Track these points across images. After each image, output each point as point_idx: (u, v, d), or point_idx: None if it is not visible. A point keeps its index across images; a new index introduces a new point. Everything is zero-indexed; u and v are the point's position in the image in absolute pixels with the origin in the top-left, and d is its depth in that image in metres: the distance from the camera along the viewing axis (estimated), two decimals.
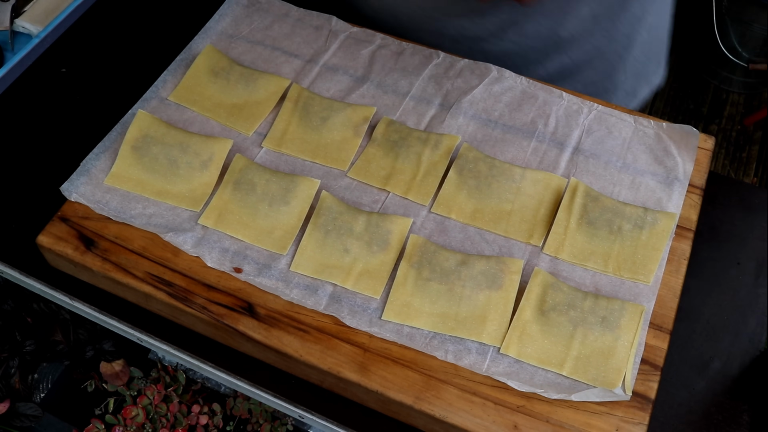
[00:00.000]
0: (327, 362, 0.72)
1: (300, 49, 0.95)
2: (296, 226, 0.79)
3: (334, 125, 0.87)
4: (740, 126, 2.24)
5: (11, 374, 1.18)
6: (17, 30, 1.01)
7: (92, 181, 0.83)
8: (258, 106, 0.89)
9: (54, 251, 0.79)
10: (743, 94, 2.29)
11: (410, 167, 0.84)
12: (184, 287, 0.77)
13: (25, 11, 1.02)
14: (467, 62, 0.92)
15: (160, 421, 1.14)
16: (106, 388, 1.17)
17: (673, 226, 0.79)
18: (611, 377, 0.70)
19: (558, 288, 0.75)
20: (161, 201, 0.81)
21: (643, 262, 0.77)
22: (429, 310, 0.75)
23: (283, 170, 0.85)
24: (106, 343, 1.21)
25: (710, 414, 0.78)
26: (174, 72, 0.92)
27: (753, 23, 2.04)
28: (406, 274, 0.77)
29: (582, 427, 0.69)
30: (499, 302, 0.74)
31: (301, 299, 0.76)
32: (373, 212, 0.81)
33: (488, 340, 0.73)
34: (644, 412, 0.70)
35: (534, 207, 0.81)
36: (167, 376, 1.18)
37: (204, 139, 0.85)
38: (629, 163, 0.85)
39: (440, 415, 0.70)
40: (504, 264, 0.76)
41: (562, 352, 0.72)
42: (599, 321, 0.73)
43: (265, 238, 0.79)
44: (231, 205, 0.81)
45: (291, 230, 0.79)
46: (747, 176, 2.14)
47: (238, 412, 1.17)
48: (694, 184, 0.83)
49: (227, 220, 0.80)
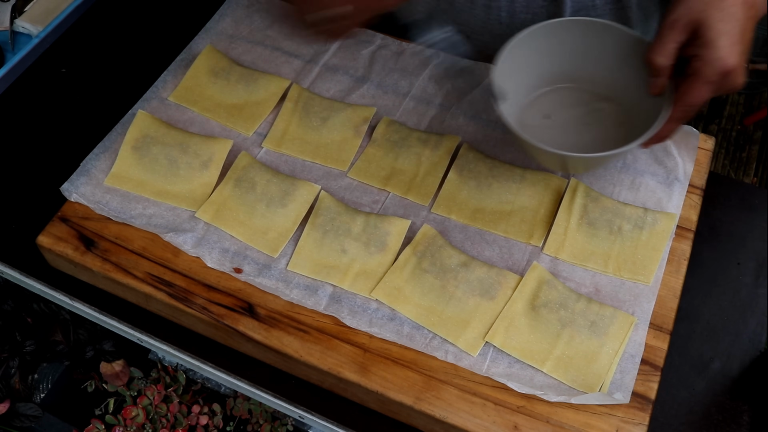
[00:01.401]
0: (327, 362, 0.72)
1: (300, 49, 0.95)
2: (290, 230, 0.79)
3: (334, 125, 0.87)
4: (740, 126, 2.24)
5: (11, 374, 1.18)
6: (17, 30, 1.01)
7: (92, 181, 0.83)
8: (258, 106, 0.89)
9: (54, 251, 0.79)
10: (743, 94, 2.29)
11: (410, 167, 0.84)
12: (184, 287, 0.77)
13: (25, 11, 1.02)
14: (467, 62, 0.92)
15: (160, 422, 1.14)
16: (106, 388, 1.17)
17: (673, 227, 0.79)
18: (590, 382, 0.71)
19: (553, 286, 0.75)
20: (161, 201, 0.81)
21: (643, 263, 0.77)
22: (417, 300, 0.75)
23: (283, 170, 0.85)
24: (106, 344, 1.21)
25: (710, 414, 0.78)
26: (174, 72, 0.92)
27: None
28: (408, 259, 0.77)
29: (582, 427, 0.69)
30: (486, 312, 0.74)
31: (301, 299, 0.76)
32: (371, 213, 0.81)
33: (463, 346, 0.73)
34: (644, 412, 0.70)
35: (534, 207, 0.81)
36: (167, 376, 1.18)
37: (204, 139, 0.85)
38: (629, 164, 0.85)
39: (440, 415, 0.70)
40: (503, 277, 0.76)
41: (546, 349, 0.72)
42: (588, 325, 0.73)
43: (259, 239, 0.79)
44: (230, 201, 0.81)
45: (285, 233, 0.79)
46: (747, 176, 2.14)
47: (238, 412, 1.17)
48: (694, 185, 0.83)
49: (224, 216, 0.80)
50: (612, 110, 0.83)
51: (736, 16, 0.68)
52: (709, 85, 0.70)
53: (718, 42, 0.68)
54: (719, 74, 0.69)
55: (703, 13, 0.68)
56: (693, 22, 0.69)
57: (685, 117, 0.73)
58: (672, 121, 0.73)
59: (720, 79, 0.69)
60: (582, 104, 0.84)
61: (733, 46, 0.68)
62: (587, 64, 0.82)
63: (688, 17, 0.69)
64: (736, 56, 0.68)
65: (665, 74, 0.73)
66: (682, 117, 0.73)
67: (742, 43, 0.69)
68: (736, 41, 0.68)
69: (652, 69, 0.73)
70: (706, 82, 0.69)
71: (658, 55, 0.71)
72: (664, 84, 0.73)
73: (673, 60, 0.72)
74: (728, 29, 0.68)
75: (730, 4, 0.68)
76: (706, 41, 0.68)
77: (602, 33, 0.79)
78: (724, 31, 0.68)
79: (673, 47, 0.71)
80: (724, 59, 0.68)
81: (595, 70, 0.82)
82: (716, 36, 0.68)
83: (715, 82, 0.69)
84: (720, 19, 0.68)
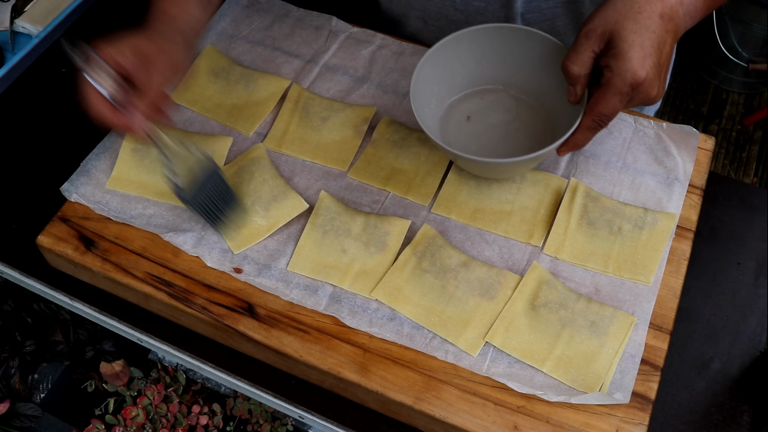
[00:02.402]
0: (327, 363, 0.72)
1: (300, 49, 0.95)
2: (262, 234, 0.79)
3: (334, 125, 0.87)
4: (740, 126, 2.24)
5: (11, 374, 1.18)
6: (17, 30, 1.01)
7: (92, 181, 0.83)
8: (258, 106, 0.89)
9: (54, 251, 0.79)
10: (743, 94, 2.29)
11: (410, 167, 0.84)
12: (184, 287, 0.77)
13: (25, 11, 1.02)
14: None
15: (160, 422, 1.14)
16: (106, 388, 1.17)
17: (673, 227, 0.79)
18: (590, 382, 0.71)
19: (553, 286, 0.75)
20: (163, 202, 0.81)
21: (643, 263, 0.77)
22: (417, 300, 0.75)
23: (283, 170, 0.85)
24: (106, 344, 1.21)
25: (710, 414, 0.78)
26: None
27: (753, 23, 2.04)
28: (408, 259, 0.77)
29: (582, 427, 0.69)
30: (486, 312, 0.74)
31: (301, 299, 0.76)
32: (371, 213, 0.81)
33: (463, 346, 0.73)
34: (644, 412, 0.70)
35: (534, 207, 0.81)
36: (167, 376, 1.18)
37: (204, 138, 0.85)
38: (629, 164, 0.85)
39: (440, 415, 0.70)
40: (503, 277, 0.76)
41: (546, 349, 0.72)
42: (588, 325, 0.73)
43: (232, 232, 0.79)
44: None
45: (255, 235, 0.79)
46: (747, 176, 2.14)
47: (238, 412, 1.17)
48: (694, 185, 0.83)
49: None
50: (537, 115, 0.84)
51: (650, 29, 0.68)
52: (619, 96, 0.70)
53: (629, 53, 0.68)
54: (629, 85, 0.68)
55: (618, 24, 0.68)
56: (607, 32, 0.69)
57: (597, 126, 0.73)
58: (583, 129, 0.74)
59: (630, 91, 0.69)
60: (508, 108, 0.85)
61: (645, 59, 0.68)
62: (514, 69, 0.83)
63: (603, 27, 0.69)
64: (648, 68, 0.68)
65: (581, 83, 0.73)
66: (594, 126, 0.73)
67: (656, 56, 0.69)
68: (649, 53, 0.68)
69: (568, 77, 0.73)
70: (616, 93, 0.69)
71: (573, 63, 0.72)
72: (580, 92, 0.74)
73: (588, 69, 0.72)
74: (641, 41, 0.68)
75: (646, 17, 0.68)
76: (617, 52, 0.68)
77: (526, 40, 0.81)
78: (637, 42, 0.68)
79: (589, 56, 0.71)
80: (633, 71, 0.68)
81: (521, 75, 0.84)
82: (628, 47, 0.68)
83: (625, 93, 0.69)
84: (634, 30, 0.68)
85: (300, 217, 0.80)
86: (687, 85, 2.31)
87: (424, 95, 0.80)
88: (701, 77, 2.33)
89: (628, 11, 0.68)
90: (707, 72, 2.32)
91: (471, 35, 0.81)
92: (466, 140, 0.83)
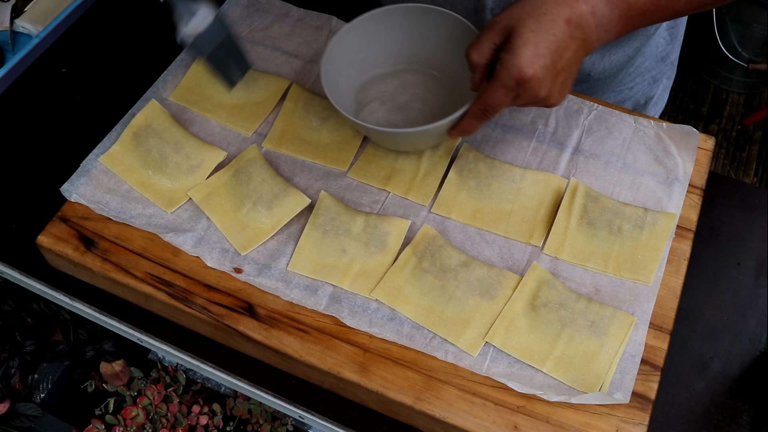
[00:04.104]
0: (327, 362, 0.72)
1: (300, 49, 0.95)
2: (267, 233, 0.79)
3: (334, 125, 0.87)
4: (740, 126, 2.24)
5: (11, 374, 1.18)
6: (17, 30, 1.01)
7: (92, 181, 0.83)
8: (258, 106, 0.89)
9: (54, 251, 0.79)
10: (743, 94, 2.29)
11: (410, 167, 0.84)
12: (184, 287, 0.77)
13: (25, 11, 1.02)
14: None
15: (160, 422, 1.14)
16: (106, 388, 1.17)
17: (673, 227, 0.79)
18: (590, 382, 0.71)
19: (553, 286, 0.75)
20: (140, 193, 0.82)
21: (643, 263, 0.77)
22: (417, 300, 0.75)
23: (283, 170, 0.85)
24: (106, 344, 1.21)
25: (710, 414, 0.78)
26: (174, 72, 0.92)
27: (753, 23, 2.04)
28: (408, 259, 0.77)
29: (582, 427, 0.69)
30: (486, 312, 0.74)
31: (301, 299, 0.76)
32: (371, 213, 0.81)
33: (463, 346, 0.73)
34: (644, 412, 0.70)
35: (534, 207, 0.81)
36: (167, 376, 1.18)
37: (200, 144, 0.85)
38: (629, 164, 0.85)
39: (440, 415, 0.70)
40: (503, 277, 0.76)
41: (546, 349, 0.72)
42: (588, 325, 0.73)
43: (235, 232, 0.79)
44: (223, 189, 0.81)
45: (260, 235, 0.79)
46: (747, 176, 2.14)
47: (238, 412, 1.17)
48: (694, 185, 0.83)
49: (212, 202, 0.81)
50: (450, 97, 0.86)
51: (551, 31, 0.68)
52: (504, 89, 0.70)
53: (521, 50, 0.68)
54: (515, 80, 0.69)
55: (520, 20, 0.69)
56: (509, 27, 0.70)
57: (482, 115, 0.74)
58: (470, 116, 0.75)
59: (516, 86, 0.69)
60: (428, 88, 0.87)
61: (537, 58, 0.68)
62: (428, 48, 0.85)
63: (507, 21, 0.70)
64: (537, 68, 0.68)
65: (479, 71, 0.73)
66: (479, 114, 0.74)
67: (552, 58, 0.69)
68: (543, 54, 0.68)
69: (469, 65, 0.74)
70: (501, 86, 0.70)
71: (473, 52, 0.72)
72: (478, 81, 0.74)
73: (487, 59, 0.72)
74: (536, 40, 0.68)
75: (549, 19, 0.68)
76: (510, 46, 0.69)
77: (439, 20, 0.82)
78: (531, 41, 0.68)
79: (489, 47, 0.71)
80: (520, 67, 0.68)
81: (435, 55, 0.85)
82: (522, 44, 0.68)
83: (510, 87, 0.69)
84: (532, 29, 0.68)
85: (300, 217, 0.80)
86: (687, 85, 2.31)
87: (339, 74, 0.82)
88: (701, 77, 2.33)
89: (534, 11, 0.69)
90: (707, 72, 2.32)
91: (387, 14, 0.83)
92: (380, 117, 0.86)
